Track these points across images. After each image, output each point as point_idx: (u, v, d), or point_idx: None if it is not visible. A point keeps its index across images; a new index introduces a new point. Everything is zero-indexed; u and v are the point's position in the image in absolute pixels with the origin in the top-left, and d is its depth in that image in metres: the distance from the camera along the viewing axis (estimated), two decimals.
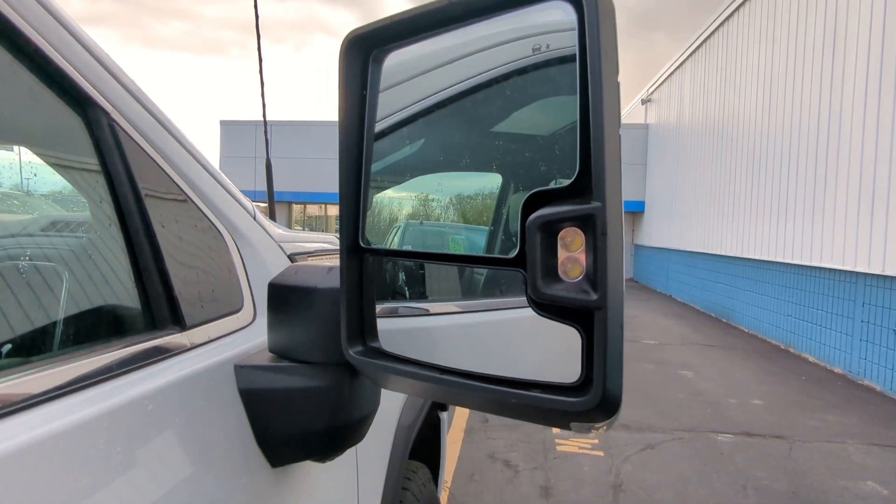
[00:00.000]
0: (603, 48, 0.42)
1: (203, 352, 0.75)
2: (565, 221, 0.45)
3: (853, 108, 6.68)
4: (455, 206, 0.70)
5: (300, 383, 0.75)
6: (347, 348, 0.65)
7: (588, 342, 0.46)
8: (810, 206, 7.61)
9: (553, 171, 0.55)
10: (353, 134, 0.65)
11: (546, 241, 0.45)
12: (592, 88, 0.43)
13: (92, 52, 0.71)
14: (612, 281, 0.43)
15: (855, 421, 5.14)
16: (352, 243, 0.66)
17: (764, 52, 9.31)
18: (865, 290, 6.52)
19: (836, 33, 7.14)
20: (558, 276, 0.46)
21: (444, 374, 0.57)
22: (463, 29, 0.57)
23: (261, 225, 1.02)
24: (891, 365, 6.04)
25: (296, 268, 0.80)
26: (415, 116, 0.69)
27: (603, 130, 0.42)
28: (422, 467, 1.88)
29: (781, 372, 6.90)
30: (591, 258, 0.44)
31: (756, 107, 9.53)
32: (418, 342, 0.70)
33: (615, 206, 0.43)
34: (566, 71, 0.49)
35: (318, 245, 1.28)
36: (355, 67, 0.64)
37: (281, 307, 0.77)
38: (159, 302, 0.72)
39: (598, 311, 0.44)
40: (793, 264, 8.10)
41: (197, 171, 0.88)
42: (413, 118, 0.70)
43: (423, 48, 0.61)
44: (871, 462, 4.24)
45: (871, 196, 6.31)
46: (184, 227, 0.81)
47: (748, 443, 4.54)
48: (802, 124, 7.88)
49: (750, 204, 9.65)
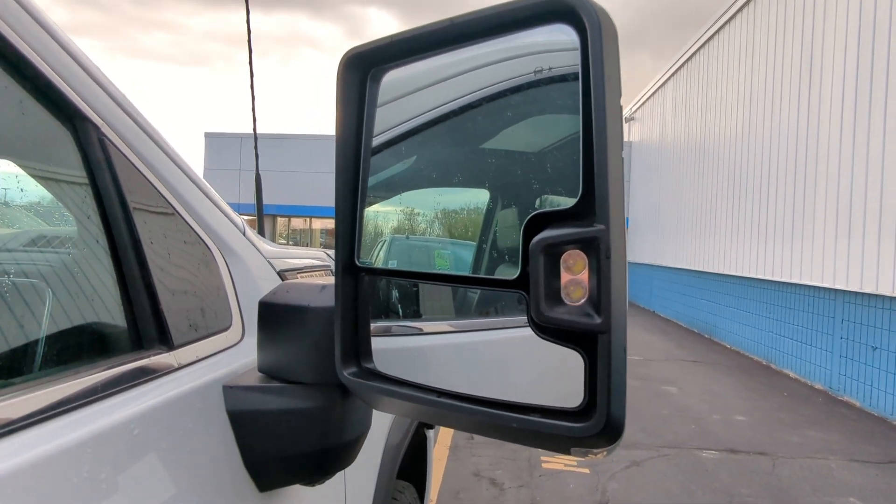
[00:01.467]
0: (606, 71, 0.42)
1: (190, 372, 0.73)
2: (568, 244, 0.44)
3: (829, 131, 6.86)
4: (441, 221, 0.70)
5: (290, 404, 0.73)
6: (342, 370, 0.64)
7: (591, 366, 0.45)
8: (790, 225, 7.76)
9: (544, 188, 0.55)
10: (350, 151, 0.65)
11: (549, 263, 0.45)
12: (596, 112, 0.43)
13: (81, 63, 0.69)
14: (615, 304, 0.43)
15: (836, 437, 5.19)
16: (347, 262, 0.65)
17: (743, 73, 9.54)
18: (844, 307, 6.63)
19: (812, 56, 7.35)
20: (561, 299, 0.45)
21: (441, 397, 0.56)
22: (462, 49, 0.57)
23: (250, 241, 1.00)
24: (869, 381, 6.13)
25: (288, 286, 0.78)
26: (410, 133, 0.69)
27: (606, 154, 0.42)
28: (408, 487, 1.85)
29: (763, 388, 6.97)
30: (594, 281, 0.44)
31: (736, 127, 9.73)
32: (412, 362, 0.69)
33: (618, 229, 0.43)
34: (565, 90, 0.49)
35: (307, 261, 1.27)
36: (353, 85, 0.63)
37: (272, 326, 0.76)
38: (146, 321, 0.70)
39: (601, 334, 0.43)
40: (774, 281, 8.22)
41: (186, 186, 0.86)
42: (408, 134, 0.69)
43: (421, 66, 0.61)
44: (852, 478, 4.27)
45: (848, 215, 6.45)
46: (173, 242, 0.79)
47: (732, 459, 4.56)
48: (781, 145, 8.06)
49: (732, 221, 9.81)
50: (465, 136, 0.67)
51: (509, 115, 0.59)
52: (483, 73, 0.58)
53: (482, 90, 0.59)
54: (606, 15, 0.43)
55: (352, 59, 0.62)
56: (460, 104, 0.62)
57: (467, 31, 0.53)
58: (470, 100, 0.60)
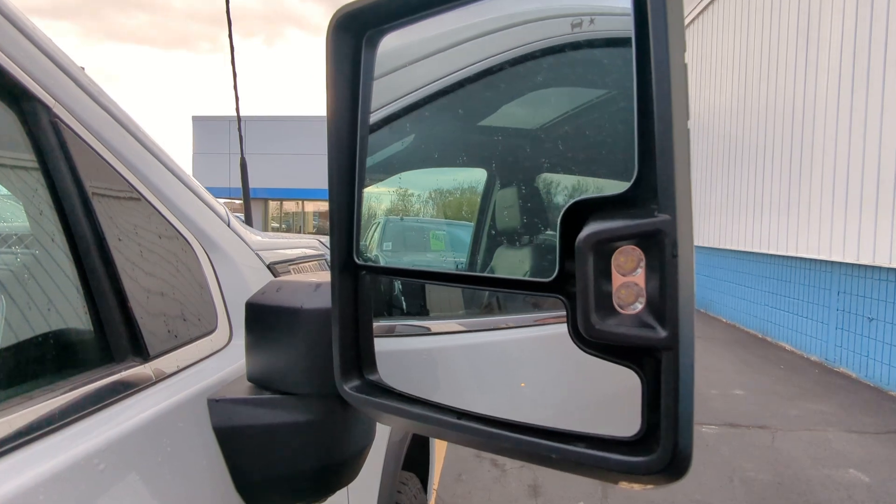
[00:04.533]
0: (670, 22, 0.33)
1: (170, 385, 0.64)
2: (624, 239, 0.36)
3: (827, 102, 6.76)
4: (436, 201, 0.62)
5: (284, 418, 0.65)
6: (342, 383, 0.56)
7: (651, 387, 0.37)
8: (786, 198, 7.70)
9: (581, 167, 0.46)
10: (344, 131, 0.55)
11: (599, 264, 0.36)
12: (657, 73, 0.34)
13: (28, 34, 0.59)
14: (683, 314, 0.34)
15: (833, 408, 5.21)
16: (345, 259, 0.56)
17: (739, 42, 9.38)
18: (840, 278, 6.62)
19: (809, 23, 7.21)
20: (613, 307, 0.37)
21: (461, 419, 0.48)
22: (477, 4, 0.48)
23: (236, 232, 0.91)
24: (865, 352, 6.15)
25: (277, 284, 0.69)
26: (414, 106, 0.60)
27: (671, 126, 0.34)
28: (412, 477, 1.81)
29: (760, 361, 6.99)
30: (654, 284, 0.36)
31: (731, 98, 9.60)
32: (422, 369, 0.61)
33: (686, 219, 0.34)
34: (610, 50, 0.40)
35: (299, 251, 1.18)
36: (346, 51, 0.54)
37: (261, 330, 0.67)
38: (116, 329, 0.61)
39: (667, 350, 0.35)
40: (769, 254, 8.20)
41: (160, 174, 0.77)
42: (411, 108, 0.60)
43: (427, 26, 0.52)
44: (850, 449, 4.29)
45: (845, 187, 6.40)
46: (146, 238, 0.70)
47: (732, 433, 4.57)
48: (777, 116, 7.96)
49: (727, 195, 9.75)
50: (475, 111, 0.58)
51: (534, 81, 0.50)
52: (501, 33, 0.49)
53: (501, 54, 0.49)
54: None
55: (343, 20, 0.52)
56: (473, 71, 0.52)
57: None
58: (485, 66, 0.51)
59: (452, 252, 0.68)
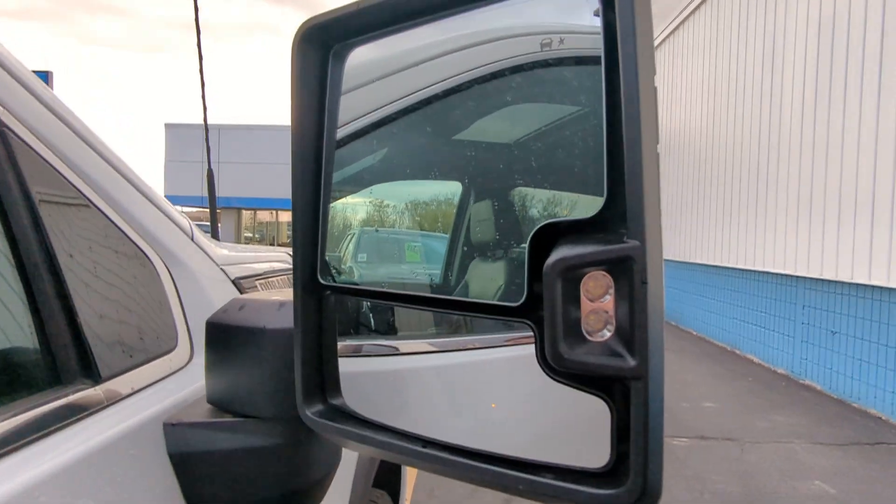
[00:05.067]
0: (639, 45, 0.33)
1: (123, 408, 0.61)
2: (593, 265, 0.35)
3: (791, 122, 6.99)
4: (412, 213, 0.61)
5: (245, 442, 0.62)
6: (304, 408, 0.53)
7: (621, 418, 0.36)
8: (753, 213, 7.91)
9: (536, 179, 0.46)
10: (309, 146, 0.54)
11: (568, 290, 0.35)
12: (626, 96, 0.33)
13: None
14: (653, 342, 0.34)
15: (800, 420, 5.33)
16: (308, 279, 0.54)
17: (708, 63, 9.65)
18: (805, 293, 6.80)
19: (774, 47, 7.47)
20: (582, 335, 0.36)
21: (427, 448, 0.46)
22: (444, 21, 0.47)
23: (200, 246, 0.88)
24: (829, 365, 6.31)
25: (240, 302, 0.67)
26: (382, 121, 0.59)
27: (640, 150, 0.33)
28: (383, 495, 1.77)
29: (729, 374, 7.11)
30: (623, 312, 0.35)
31: (701, 117, 9.86)
32: (389, 393, 0.59)
33: (656, 246, 0.34)
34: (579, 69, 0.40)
35: (267, 265, 1.15)
36: (312, 65, 0.52)
37: (222, 350, 0.64)
38: (64, 349, 0.58)
39: (635, 380, 0.34)
40: (738, 269, 8.39)
41: (119, 185, 0.73)
42: (380, 123, 0.59)
43: (396, 40, 0.51)
44: (816, 461, 4.38)
45: (808, 205, 6.60)
46: (100, 253, 0.67)
47: (702, 446, 4.62)
48: (745, 135, 8.19)
49: (697, 210, 9.96)
50: (448, 125, 0.57)
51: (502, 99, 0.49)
52: (472, 49, 0.48)
53: (470, 71, 0.49)
54: None
55: (310, 33, 0.51)
56: (443, 87, 0.51)
57: None
58: (455, 82, 0.50)
59: (427, 264, 0.66)
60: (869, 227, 5.59)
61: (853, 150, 5.86)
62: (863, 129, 5.71)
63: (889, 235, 5.32)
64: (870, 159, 5.61)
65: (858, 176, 5.76)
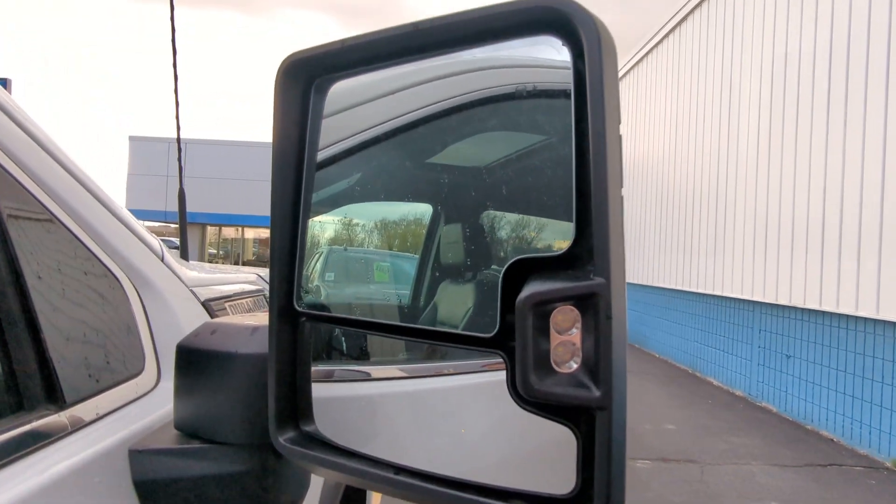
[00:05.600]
0: (606, 94, 0.36)
1: (88, 434, 0.60)
2: (561, 301, 0.37)
3: (747, 153, 7.32)
4: (382, 233, 0.62)
5: (214, 469, 0.61)
6: (277, 435, 0.54)
7: (586, 446, 0.38)
8: (713, 240, 8.19)
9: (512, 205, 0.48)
10: (289, 176, 0.55)
11: (538, 323, 0.37)
12: (594, 142, 0.36)
13: None
14: (616, 374, 0.36)
15: (757, 442, 5.47)
16: (285, 305, 0.55)
17: (670, 95, 10.05)
18: (761, 317, 7.05)
19: (731, 82, 7.84)
20: (551, 366, 0.38)
21: (399, 475, 0.47)
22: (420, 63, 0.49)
23: (170, 267, 0.87)
24: (784, 388, 6.53)
25: (212, 326, 0.66)
26: (359, 147, 0.61)
27: (606, 192, 0.36)
28: None
29: (690, 396, 7.27)
30: (589, 344, 0.37)
31: (664, 146, 10.23)
32: (361, 419, 0.59)
33: (620, 283, 0.36)
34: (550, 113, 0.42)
35: (237, 287, 1.14)
36: (294, 97, 0.54)
37: (192, 375, 0.64)
38: (28, 374, 0.57)
39: (600, 410, 0.36)
40: (698, 293, 8.64)
41: (89, 205, 0.73)
42: (357, 149, 0.61)
43: (376, 75, 0.53)
44: (772, 482, 4.50)
45: (764, 232, 6.89)
46: (69, 276, 0.66)
47: (664, 468, 4.69)
48: (704, 165, 8.53)
49: (660, 236, 10.26)
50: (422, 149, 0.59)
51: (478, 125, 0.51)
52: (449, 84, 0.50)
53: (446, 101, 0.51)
54: (606, 28, 0.36)
55: (293, 67, 0.52)
56: (419, 116, 0.53)
57: (433, 39, 0.45)
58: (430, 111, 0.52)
59: (396, 285, 0.67)
60: (819, 255, 5.86)
61: (804, 182, 6.17)
62: (813, 161, 6.03)
63: (837, 264, 5.59)
64: (819, 192, 5.91)
65: (810, 207, 6.06)
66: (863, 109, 5.34)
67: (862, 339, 5.38)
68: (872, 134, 5.21)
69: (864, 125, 5.30)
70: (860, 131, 5.36)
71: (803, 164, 6.20)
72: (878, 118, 5.14)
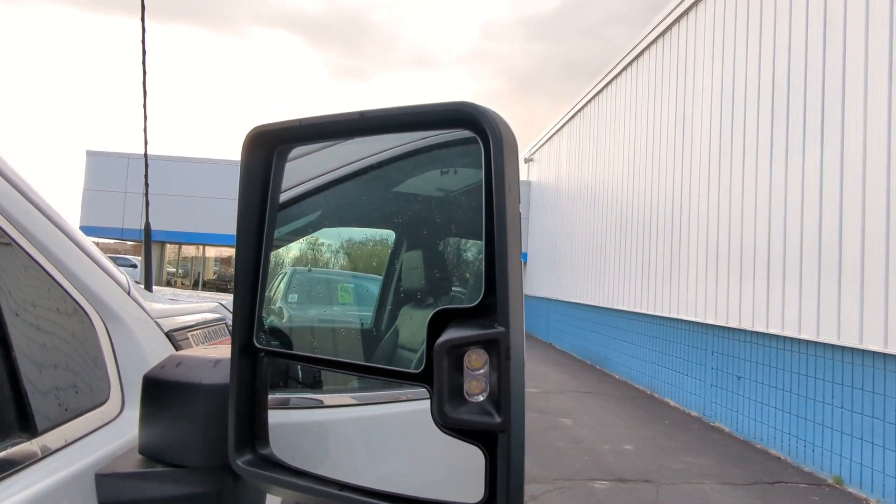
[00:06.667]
0: (507, 181, 0.45)
1: (56, 460, 0.65)
2: (472, 345, 0.46)
3: (699, 181, 7.70)
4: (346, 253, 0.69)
5: (176, 491, 0.67)
6: (235, 458, 0.60)
7: (491, 462, 0.47)
8: (668, 264, 8.52)
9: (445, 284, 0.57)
10: (252, 229, 0.63)
11: (453, 362, 0.46)
12: (497, 219, 0.46)
13: None
14: (514, 404, 0.45)
15: (710, 461, 5.66)
16: (245, 342, 0.62)
17: (628, 125, 10.49)
18: (714, 340, 7.34)
19: (684, 114, 8.27)
20: (463, 397, 0.46)
21: (343, 490, 0.54)
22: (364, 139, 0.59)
23: (136, 301, 0.93)
24: (736, 408, 6.79)
25: (177, 359, 0.73)
26: (322, 188, 0.69)
27: (507, 260, 0.45)
28: None
29: (648, 416, 7.46)
30: (493, 380, 0.46)
31: (623, 174, 10.63)
32: (313, 443, 0.66)
33: (518, 330, 0.45)
34: (467, 190, 0.52)
35: (199, 316, 1.19)
36: (258, 161, 0.62)
37: (157, 404, 0.70)
38: (3, 404, 0.62)
39: (501, 433, 0.45)
40: (656, 315, 8.93)
41: (61, 244, 0.78)
42: (320, 189, 0.69)
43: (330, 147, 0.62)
44: (724, 500, 4.66)
45: (715, 257, 7.22)
46: (42, 313, 0.71)
47: (621, 488, 4.81)
48: (660, 193, 8.91)
49: (619, 260, 10.59)
50: (376, 186, 0.68)
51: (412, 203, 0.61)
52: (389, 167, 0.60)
53: (387, 163, 0.61)
54: (507, 126, 0.46)
55: (257, 138, 0.61)
56: (366, 163, 0.63)
57: (376, 124, 0.54)
58: (376, 160, 0.62)
59: (359, 307, 0.73)
60: (766, 280, 6.19)
61: (751, 211, 6.52)
62: (759, 191, 6.39)
63: (781, 289, 5.91)
64: (764, 219, 6.26)
65: (756, 234, 6.41)
66: (801, 142, 5.73)
67: (804, 360, 5.68)
68: (810, 167, 5.59)
69: (804, 158, 5.68)
70: (800, 163, 5.74)
71: (750, 194, 6.56)
72: (815, 154, 5.52)
